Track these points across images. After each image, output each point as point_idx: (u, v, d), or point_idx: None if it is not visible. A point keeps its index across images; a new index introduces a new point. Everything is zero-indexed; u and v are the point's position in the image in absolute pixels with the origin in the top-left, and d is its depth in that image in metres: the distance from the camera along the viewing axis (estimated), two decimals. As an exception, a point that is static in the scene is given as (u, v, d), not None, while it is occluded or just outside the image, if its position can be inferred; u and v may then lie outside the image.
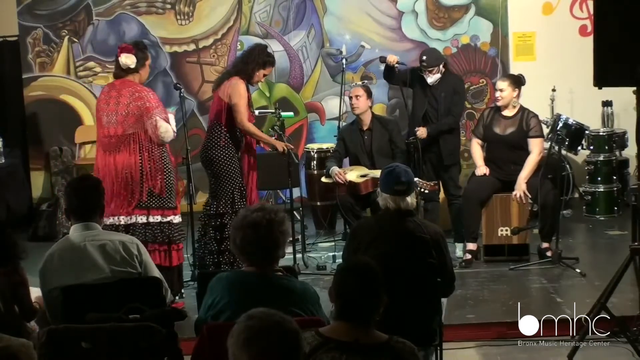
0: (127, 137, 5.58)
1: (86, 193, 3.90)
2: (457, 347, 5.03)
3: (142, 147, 5.59)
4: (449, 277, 4.24)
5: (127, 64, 5.60)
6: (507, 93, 6.64)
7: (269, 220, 3.31)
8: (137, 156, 5.58)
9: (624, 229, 7.33)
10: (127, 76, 5.64)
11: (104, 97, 5.71)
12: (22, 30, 8.92)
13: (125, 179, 5.58)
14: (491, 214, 6.63)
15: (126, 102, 5.57)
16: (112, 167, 5.60)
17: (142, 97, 5.58)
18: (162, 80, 8.94)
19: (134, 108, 5.56)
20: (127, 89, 5.61)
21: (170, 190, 5.69)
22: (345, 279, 2.85)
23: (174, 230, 5.72)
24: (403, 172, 4.20)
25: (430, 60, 6.80)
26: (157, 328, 3.32)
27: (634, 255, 4.79)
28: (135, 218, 5.61)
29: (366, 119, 6.93)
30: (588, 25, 8.63)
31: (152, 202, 5.63)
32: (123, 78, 5.65)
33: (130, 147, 5.58)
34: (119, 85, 5.66)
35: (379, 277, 2.85)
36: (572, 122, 6.76)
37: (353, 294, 2.79)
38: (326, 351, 2.70)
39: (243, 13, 8.91)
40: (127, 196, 5.59)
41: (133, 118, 5.56)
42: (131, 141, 5.58)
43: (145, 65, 5.72)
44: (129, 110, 5.56)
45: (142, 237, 5.48)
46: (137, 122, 5.56)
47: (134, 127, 5.57)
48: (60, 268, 3.77)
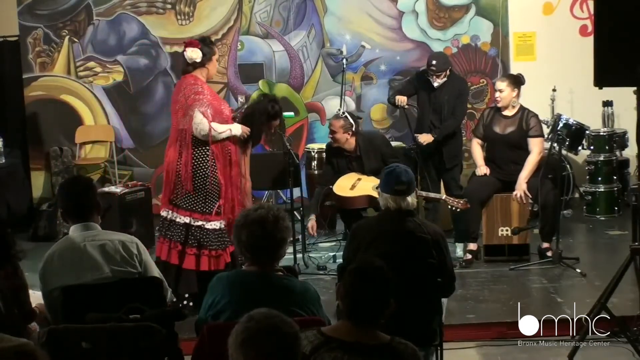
0: (178, 132, 5.59)
1: (80, 193, 3.89)
2: (457, 347, 5.03)
3: (185, 145, 5.55)
4: (449, 277, 4.24)
5: (192, 57, 5.57)
6: (506, 93, 6.65)
7: (275, 216, 3.33)
8: (177, 153, 5.57)
9: (624, 229, 7.33)
10: (194, 71, 5.62)
11: (174, 91, 5.82)
12: (22, 30, 8.92)
13: (168, 174, 5.61)
14: (491, 214, 6.63)
15: (179, 96, 5.58)
16: (167, 161, 5.66)
17: (192, 90, 5.54)
18: (163, 81, 8.95)
19: (182, 100, 5.56)
20: (185, 83, 5.62)
21: (204, 194, 5.57)
22: (356, 279, 2.85)
23: (205, 235, 5.58)
24: (403, 172, 4.20)
25: (440, 65, 6.83)
26: (157, 328, 3.32)
27: (634, 255, 4.79)
28: (171, 214, 5.62)
29: (350, 146, 6.60)
30: (588, 25, 8.63)
31: (184, 203, 5.59)
32: (188, 73, 5.65)
33: (177, 143, 5.59)
34: (181, 81, 5.70)
35: (390, 281, 2.84)
36: (572, 122, 6.76)
37: (362, 296, 2.79)
38: (328, 350, 2.70)
39: (243, 13, 8.91)
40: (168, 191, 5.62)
41: (182, 111, 5.56)
42: (179, 137, 5.58)
43: (212, 60, 5.68)
44: (180, 104, 5.57)
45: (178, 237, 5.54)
46: (185, 116, 5.55)
47: (183, 122, 5.56)
48: (61, 268, 3.77)
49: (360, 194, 6.34)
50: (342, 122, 6.53)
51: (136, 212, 7.38)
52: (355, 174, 6.55)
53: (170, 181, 5.60)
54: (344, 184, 6.45)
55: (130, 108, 9.03)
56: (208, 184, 5.55)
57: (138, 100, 9.01)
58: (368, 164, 6.54)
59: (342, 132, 6.52)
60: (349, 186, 6.43)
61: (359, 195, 6.33)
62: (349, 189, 6.42)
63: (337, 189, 6.43)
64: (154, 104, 9.01)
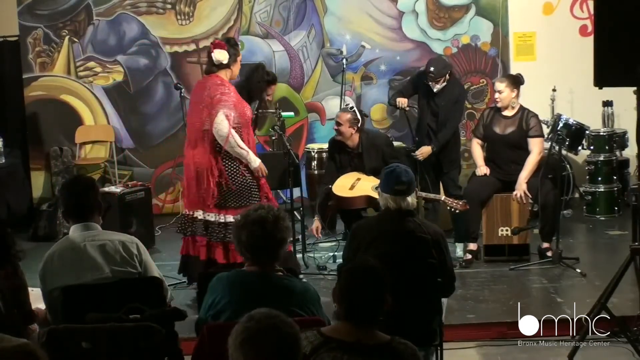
0: (203, 133, 5.59)
1: (81, 193, 3.89)
2: (457, 347, 5.03)
3: (213, 144, 5.58)
4: (449, 277, 4.25)
5: (220, 59, 5.61)
6: (505, 94, 6.65)
7: (275, 216, 3.33)
8: (208, 153, 5.58)
9: (624, 229, 7.33)
10: (219, 72, 5.66)
11: (192, 93, 5.80)
12: (22, 30, 8.92)
13: (198, 175, 5.62)
14: (491, 214, 6.63)
15: (204, 96, 5.59)
16: (191, 161, 5.65)
17: (218, 90, 5.57)
18: (163, 81, 8.95)
19: (207, 99, 5.57)
20: (209, 82, 5.64)
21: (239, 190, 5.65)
22: (350, 280, 2.85)
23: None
24: (403, 172, 4.20)
25: (438, 70, 6.85)
26: (157, 328, 3.31)
27: (634, 255, 4.79)
28: (213, 216, 5.65)
29: (353, 142, 6.64)
30: (588, 25, 8.63)
31: (227, 202, 5.64)
32: (213, 73, 5.68)
33: (204, 144, 5.59)
34: (205, 80, 5.71)
35: (384, 279, 2.84)
36: (572, 122, 6.76)
37: (358, 296, 2.79)
38: (328, 351, 2.70)
39: (243, 13, 8.91)
40: (201, 192, 5.63)
41: (207, 111, 5.57)
42: (205, 137, 5.59)
43: (237, 61, 5.73)
44: (204, 104, 5.58)
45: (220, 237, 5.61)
46: (209, 116, 5.56)
47: (207, 122, 5.57)
48: (61, 268, 3.77)
49: (359, 194, 6.34)
50: (349, 116, 6.58)
51: (136, 212, 7.38)
52: (355, 174, 6.54)
53: (204, 182, 5.60)
54: (343, 184, 6.45)
55: (130, 108, 9.03)
56: (245, 180, 5.64)
57: (138, 100, 9.01)
58: (369, 162, 6.54)
59: (348, 126, 6.56)
60: (348, 186, 6.43)
61: (357, 196, 6.33)
62: (348, 189, 6.41)
63: (336, 189, 6.43)
64: (154, 104, 9.01)
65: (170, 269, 6.53)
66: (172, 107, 8.87)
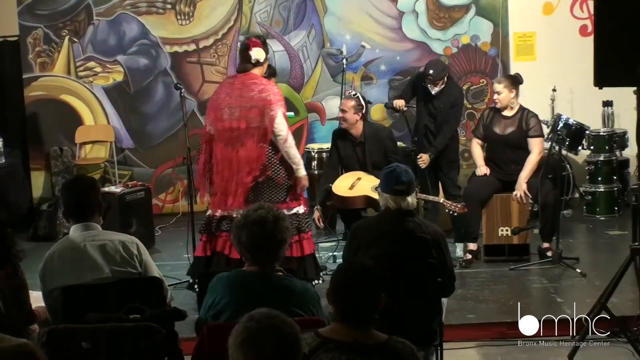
0: (251, 130, 5.57)
1: (82, 193, 3.89)
2: (457, 347, 5.03)
3: (265, 141, 5.58)
4: (449, 277, 4.24)
5: (258, 57, 5.62)
6: (504, 95, 6.65)
7: (275, 216, 3.33)
8: (260, 150, 5.57)
9: (624, 229, 7.32)
10: (253, 70, 5.66)
11: (226, 90, 5.70)
12: (22, 30, 8.92)
13: (247, 172, 5.59)
14: (491, 214, 6.63)
15: (252, 95, 5.57)
16: (235, 160, 5.60)
17: (267, 90, 5.58)
18: (163, 81, 8.95)
19: (258, 100, 5.55)
20: (252, 81, 5.62)
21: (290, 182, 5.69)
22: (341, 281, 2.85)
23: (301, 220, 5.73)
24: (403, 172, 4.20)
25: (437, 73, 6.86)
26: (157, 328, 3.31)
27: (634, 255, 4.79)
28: None
29: (357, 130, 6.63)
30: (588, 25, 8.63)
31: (276, 196, 5.65)
32: (248, 72, 5.66)
33: (254, 140, 5.57)
34: (243, 79, 5.66)
35: (377, 278, 2.83)
36: (572, 122, 6.76)
37: (349, 296, 2.78)
38: (326, 351, 2.70)
39: (243, 13, 8.91)
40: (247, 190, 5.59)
41: (257, 111, 5.55)
42: (255, 135, 5.56)
43: (268, 59, 5.78)
44: (253, 103, 5.56)
45: None
46: (261, 115, 5.55)
47: (257, 120, 5.55)
48: (61, 268, 3.77)
49: (358, 194, 6.33)
50: (353, 102, 6.56)
51: (136, 212, 7.38)
52: (356, 173, 6.54)
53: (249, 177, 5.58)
54: (343, 184, 6.44)
55: (130, 108, 9.04)
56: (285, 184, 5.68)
57: (138, 100, 9.01)
58: (370, 152, 6.56)
59: (353, 112, 6.54)
60: (347, 186, 6.42)
61: (357, 196, 6.33)
62: (348, 189, 6.40)
63: (335, 188, 6.42)
64: (154, 104, 9.01)
65: (170, 269, 6.54)
66: (172, 107, 8.88)
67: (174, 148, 8.63)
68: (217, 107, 5.67)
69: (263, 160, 5.57)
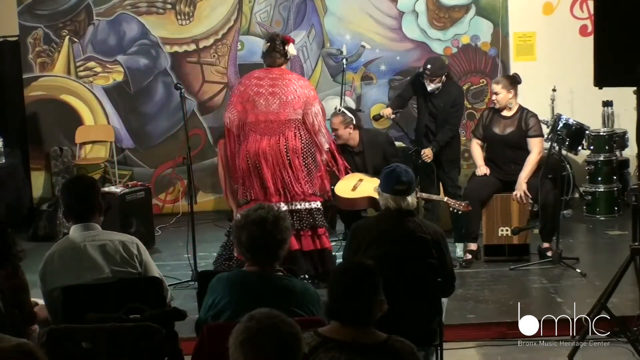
0: (292, 122, 5.69)
1: (83, 193, 3.89)
2: (457, 347, 5.03)
3: (303, 133, 5.72)
4: (449, 277, 4.24)
5: (292, 53, 5.86)
6: (502, 96, 6.65)
7: (275, 216, 3.33)
8: (302, 140, 5.71)
9: (624, 229, 7.32)
10: (283, 65, 5.84)
11: (255, 82, 5.78)
12: (22, 30, 8.92)
13: (290, 161, 5.69)
14: (491, 214, 6.63)
15: (293, 88, 5.71)
16: (275, 150, 5.68)
17: (308, 86, 5.87)
18: (163, 80, 8.95)
19: (301, 95, 5.71)
20: (290, 75, 5.85)
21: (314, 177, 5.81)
22: (336, 281, 2.86)
23: (317, 216, 5.82)
24: (403, 172, 4.20)
25: (434, 70, 6.84)
26: (157, 328, 3.31)
27: (634, 255, 4.79)
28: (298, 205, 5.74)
29: (354, 141, 6.72)
30: (588, 25, 8.63)
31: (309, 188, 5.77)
32: (280, 67, 5.82)
33: (294, 132, 5.70)
34: (280, 72, 5.80)
35: (375, 277, 2.84)
36: (572, 122, 6.76)
37: (348, 296, 2.78)
38: (325, 351, 2.70)
39: (243, 13, 8.91)
40: (287, 181, 5.68)
41: (299, 104, 5.67)
42: (294, 126, 5.69)
43: None
44: (296, 96, 5.69)
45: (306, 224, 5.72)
46: (302, 108, 5.69)
47: (297, 113, 5.68)
48: (61, 268, 3.77)
49: (361, 195, 6.33)
50: (340, 118, 6.65)
51: (136, 212, 7.38)
52: (358, 175, 6.53)
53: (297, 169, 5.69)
54: (345, 185, 6.44)
55: (130, 108, 9.04)
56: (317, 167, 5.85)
57: (138, 100, 9.01)
58: (370, 160, 6.58)
59: (344, 128, 6.63)
60: (350, 187, 6.42)
61: (360, 197, 6.33)
62: (351, 190, 6.41)
63: (338, 190, 6.41)
64: (154, 104, 9.01)
65: (170, 269, 6.54)
66: (172, 107, 8.88)
67: (174, 148, 8.63)
68: (246, 99, 5.74)
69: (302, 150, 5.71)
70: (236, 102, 5.79)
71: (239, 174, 5.75)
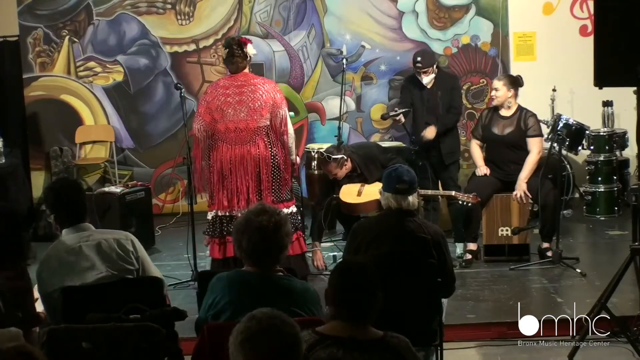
0: (260, 129, 5.64)
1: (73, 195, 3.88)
2: (457, 347, 5.03)
3: (274, 140, 5.69)
4: (450, 278, 4.25)
5: (253, 53, 5.75)
6: (501, 92, 6.65)
7: (275, 223, 3.32)
8: (272, 149, 5.68)
9: (624, 229, 7.32)
10: (245, 69, 5.72)
11: (222, 92, 5.70)
12: (22, 30, 8.92)
13: (260, 171, 5.66)
14: (491, 214, 6.63)
15: (260, 94, 5.62)
16: (248, 159, 5.65)
17: (274, 89, 5.72)
18: (163, 80, 8.95)
19: (268, 99, 5.63)
20: (255, 80, 5.71)
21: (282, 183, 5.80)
22: (336, 280, 2.86)
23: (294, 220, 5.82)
24: (405, 171, 4.22)
25: (426, 61, 6.85)
26: (157, 328, 3.32)
27: (634, 256, 4.79)
28: None
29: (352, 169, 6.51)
30: (588, 25, 8.63)
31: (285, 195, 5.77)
32: (243, 71, 5.71)
33: (265, 140, 5.66)
34: (244, 78, 5.70)
35: (371, 276, 2.84)
36: (572, 122, 6.76)
37: (346, 295, 2.79)
38: (323, 348, 2.71)
39: (243, 13, 8.91)
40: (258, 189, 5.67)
41: (267, 109, 5.61)
42: (264, 134, 5.66)
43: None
44: (262, 101, 5.62)
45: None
46: (270, 114, 5.64)
47: (266, 118, 5.64)
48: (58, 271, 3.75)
49: (368, 199, 6.25)
50: (332, 164, 6.41)
51: (136, 212, 7.37)
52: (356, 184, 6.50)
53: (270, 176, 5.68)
54: (349, 191, 6.41)
55: (130, 108, 9.04)
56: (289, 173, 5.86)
57: (138, 100, 9.02)
58: (371, 177, 6.45)
59: (340, 169, 6.42)
60: (355, 192, 6.39)
61: (367, 201, 6.25)
62: (356, 196, 6.37)
63: (343, 195, 6.38)
64: (154, 104, 9.01)
65: (170, 269, 6.55)
66: (172, 107, 8.88)
67: (173, 148, 8.63)
68: (214, 108, 5.67)
69: (271, 159, 5.66)
70: (204, 112, 5.72)
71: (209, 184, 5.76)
